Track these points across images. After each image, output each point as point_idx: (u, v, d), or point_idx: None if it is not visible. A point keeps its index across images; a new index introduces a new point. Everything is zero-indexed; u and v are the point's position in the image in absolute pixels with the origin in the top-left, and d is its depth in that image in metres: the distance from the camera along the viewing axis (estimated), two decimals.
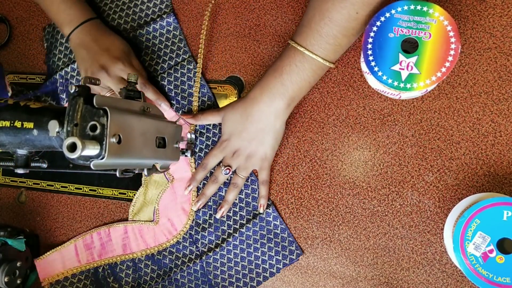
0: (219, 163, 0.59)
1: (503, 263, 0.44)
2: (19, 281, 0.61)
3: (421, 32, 0.45)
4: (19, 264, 0.61)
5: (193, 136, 0.59)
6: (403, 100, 0.55)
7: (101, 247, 0.64)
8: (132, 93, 0.47)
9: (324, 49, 0.49)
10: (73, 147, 0.34)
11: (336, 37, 0.48)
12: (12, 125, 0.40)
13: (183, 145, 0.59)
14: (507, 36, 0.52)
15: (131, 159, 0.40)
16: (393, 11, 0.46)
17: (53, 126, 0.38)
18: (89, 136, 0.36)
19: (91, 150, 0.35)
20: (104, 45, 0.58)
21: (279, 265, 0.57)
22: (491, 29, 0.52)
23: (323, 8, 0.47)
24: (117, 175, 0.42)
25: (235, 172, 0.58)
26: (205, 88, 0.61)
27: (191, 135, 0.59)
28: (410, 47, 0.47)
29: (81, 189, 0.66)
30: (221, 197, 0.60)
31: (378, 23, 0.46)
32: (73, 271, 0.64)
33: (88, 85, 0.39)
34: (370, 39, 0.46)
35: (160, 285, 0.60)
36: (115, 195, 0.64)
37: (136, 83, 0.48)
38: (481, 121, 0.52)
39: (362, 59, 0.50)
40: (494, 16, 0.52)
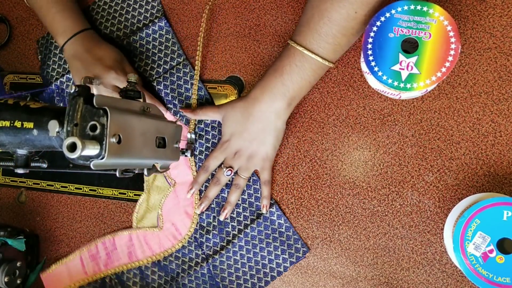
0: (220, 165, 0.59)
1: (503, 263, 0.44)
2: (19, 281, 0.61)
3: (421, 32, 0.45)
4: (19, 264, 0.61)
5: (193, 136, 0.59)
6: (403, 100, 0.55)
7: (107, 256, 0.63)
8: (132, 93, 0.47)
9: (323, 49, 0.49)
10: (73, 147, 0.34)
11: (335, 37, 0.48)
12: (12, 125, 0.40)
13: (183, 145, 0.59)
14: (507, 36, 0.52)
15: (131, 159, 0.40)
16: (393, 11, 0.46)
17: (53, 126, 0.38)
18: (89, 136, 0.36)
19: (91, 150, 0.35)
20: (96, 55, 0.58)
21: (286, 263, 0.57)
22: (491, 29, 0.52)
23: (322, 7, 0.47)
24: (117, 175, 0.42)
25: (236, 173, 0.58)
26: (202, 90, 0.61)
27: (191, 135, 0.59)
28: (410, 47, 0.47)
29: (81, 189, 0.66)
30: (224, 199, 0.60)
31: (378, 23, 0.46)
32: (80, 283, 0.63)
33: (88, 85, 0.39)
34: (370, 39, 0.46)
35: None
36: (115, 195, 0.64)
37: (136, 83, 0.48)
38: (481, 121, 0.52)
39: (362, 59, 0.50)
40: (494, 16, 0.52)
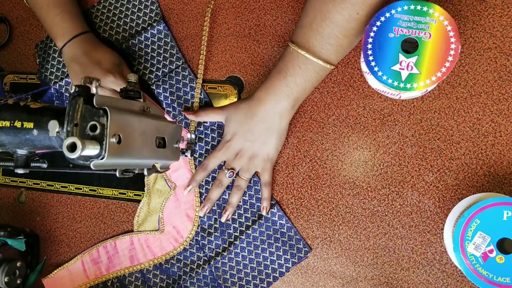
0: (221, 167, 0.59)
1: (503, 263, 0.44)
2: (19, 281, 0.61)
3: (421, 32, 0.45)
4: (19, 264, 0.61)
5: (193, 136, 0.59)
6: (403, 100, 0.55)
7: (108, 260, 0.63)
8: (132, 93, 0.47)
9: (326, 50, 0.49)
10: (73, 147, 0.34)
11: (337, 38, 0.48)
12: (12, 125, 0.40)
13: (183, 145, 0.59)
14: (507, 36, 0.52)
15: (131, 159, 0.40)
16: (393, 11, 0.46)
17: (53, 126, 0.38)
18: (89, 136, 0.36)
19: (91, 150, 0.35)
20: (94, 58, 0.58)
21: (288, 264, 0.57)
22: (491, 29, 0.52)
23: (323, 9, 0.47)
24: (117, 175, 0.42)
25: (237, 174, 0.58)
26: (202, 93, 0.61)
27: (191, 135, 0.59)
28: (410, 47, 0.47)
29: (81, 189, 0.66)
30: (225, 201, 0.60)
31: (378, 23, 0.46)
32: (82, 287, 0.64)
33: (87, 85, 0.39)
34: (370, 39, 0.46)
35: None
36: (115, 195, 0.64)
37: (136, 83, 0.48)
38: (481, 121, 0.52)
39: (362, 59, 0.50)
40: (494, 16, 0.52)
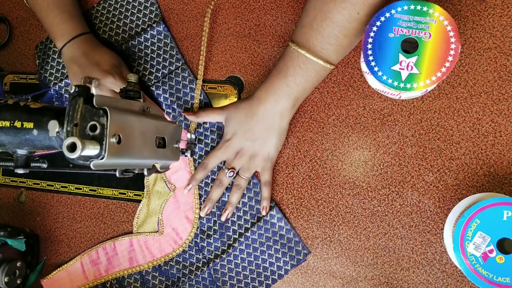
0: (221, 166, 0.59)
1: (503, 263, 0.44)
2: (19, 281, 0.61)
3: (421, 32, 0.45)
4: (19, 264, 0.61)
5: (193, 136, 0.59)
6: (403, 100, 0.55)
7: (108, 262, 0.63)
8: (132, 93, 0.47)
9: (326, 50, 0.49)
10: (73, 147, 0.34)
11: (337, 38, 0.48)
12: (12, 125, 0.40)
13: (183, 145, 0.59)
14: (507, 36, 0.52)
15: (131, 159, 0.40)
16: (393, 11, 0.46)
17: (53, 126, 0.38)
18: (89, 136, 0.36)
19: (91, 150, 0.35)
20: (93, 59, 0.58)
21: (287, 266, 0.57)
22: (491, 29, 0.52)
23: (324, 9, 0.47)
24: (117, 175, 0.42)
25: (237, 173, 0.58)
26: (201, 94, 0.61)
27: (191, 134, 0.59)
28: (410, 47, 0.47)
29: (81, 189, 0.66)
30: (224, 203, 0.60)
31: (378, 23, 0.46)
32: None
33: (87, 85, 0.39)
34: (370, 39, 0.46)
35: None
36: (115, 195, 0.64)
37: (136, 83, 0.48)
38: (481, 121, 0.52)
39: (362, 59, 0.50)
40: (494, 16, 0.52)
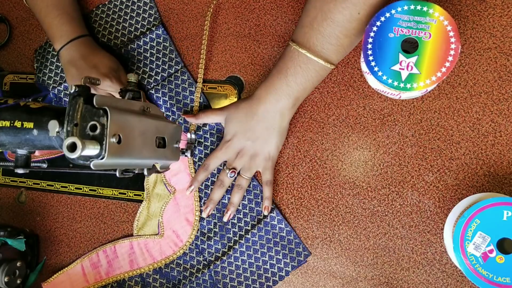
0: (223, 167, 0.59)
1: (503, 263, 0.44)
2: (19, 281, 0.61)
3: (421, 32, 0.45)
4: (19, 264, 0.61)
5: (193, 136, 0.59)
6: (403, 100, 0.55)
7: (108, 265, 0.63)
8: (132, 93, 0.47)
9: (327, 50, 0.49)
10: (73, 147, 0.34)
11: (338, 38, 0.48)
12: (12, 125, 0.40)
13: (183, 145, 0.59)
14: (507, 36, 0.52)
15: (131, 159, 0.40)
16: (393, 11, 0.46)
17: (53, 126, 0.38)
18: (89, 136, 0.36)
19: (91, 150, 0.35)
20: (91, 62, 0.58)
21: (287, 268, 0.57)
22: (491, 29, 0.52)
23: (325, 8, 0.47)
24: (117, 175, 0.42)
25: (238, 173, 0.58)
26: (201, 97, 0.61)
27: (191, 134, 0.59)
28: (410, 47, 0.47)
29: (81, 189, 0.66)
30: (224, 205, 0.60)
31: (378, 23, 0.46)
32: None
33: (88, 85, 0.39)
34: (370, 39, 0.46)
35: None
36: (115, 195, 0.64)
37: (136, 83, 0.48)
38: (481, 121, 0.52)
39: (362, 59, 0.50)
40: (494, 16, 0.52)
